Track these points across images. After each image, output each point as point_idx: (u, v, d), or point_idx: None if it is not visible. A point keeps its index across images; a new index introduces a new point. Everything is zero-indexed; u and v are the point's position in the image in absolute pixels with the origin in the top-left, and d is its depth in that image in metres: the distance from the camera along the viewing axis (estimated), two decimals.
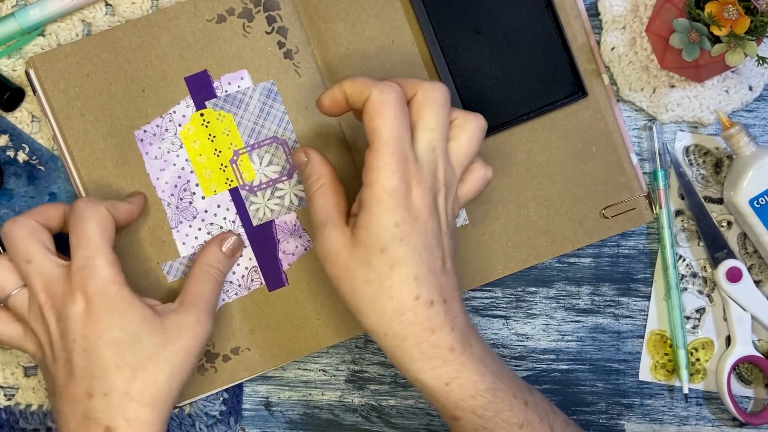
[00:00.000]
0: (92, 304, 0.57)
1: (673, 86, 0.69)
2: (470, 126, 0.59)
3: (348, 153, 0.67)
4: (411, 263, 0.55)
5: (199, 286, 0.63)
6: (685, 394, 0.70)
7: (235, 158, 0.66)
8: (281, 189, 0.66)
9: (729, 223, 0.71)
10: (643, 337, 0.71)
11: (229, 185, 0.66)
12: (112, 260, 0.58)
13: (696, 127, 0.70)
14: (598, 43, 0.69)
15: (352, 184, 0.63)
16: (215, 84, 0.65)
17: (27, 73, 0.64)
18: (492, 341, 0.71)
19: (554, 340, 0.71)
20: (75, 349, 0.57)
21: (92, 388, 0.57)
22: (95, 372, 0.57)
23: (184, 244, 0.66)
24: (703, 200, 0.70)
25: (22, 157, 0.67)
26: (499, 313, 0.71)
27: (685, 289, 0.71)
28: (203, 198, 0.66)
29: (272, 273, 0.67)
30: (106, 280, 0.58)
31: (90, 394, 0.57)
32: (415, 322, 0.56)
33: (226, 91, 0.65)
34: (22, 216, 0.60)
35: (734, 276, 0.69)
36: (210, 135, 0.66)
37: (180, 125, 0.65)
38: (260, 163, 0.66)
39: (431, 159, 0.57)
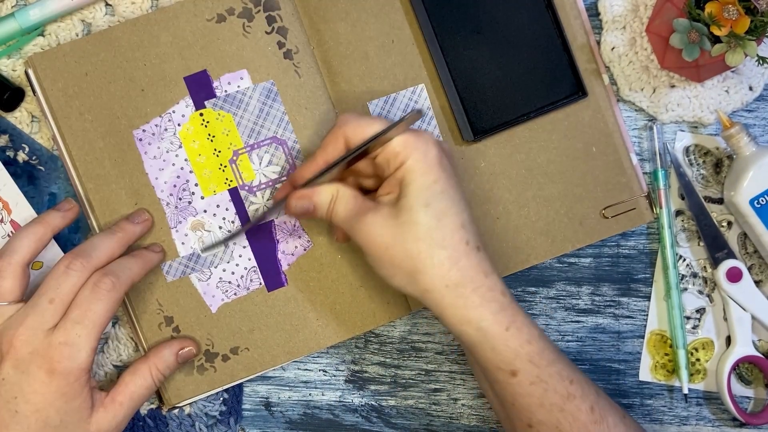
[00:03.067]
0: (52, 378, 0.58)
1: (673, 86, 0.68)
2: None
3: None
4: (455, 212, 0.58)
5: (136, 387, 0.63)
6: (685, 395, 0.70)
7: (234, 158, 0.66)
8: None
9: (729, 223, 0.71)
10: (643, 337, 0.71)
11: (229, 185, 0.66)
12: (96, 347, 0.59)
13: (696, 127, 0.70)
14: (598, 43, 0.69)
15: None
16: (215, 84, 0.65)
17: (26, 73, 0.64)
18: None
19: (554, 340, 0.71)
20: (10, 404, 0.58)
21: None
22: None
23: (183, 243, 0.66)
24: (703, 200, 0.70)
25: (21, 157, 0.67)
26: None
27: (686, 289, 0.71)
28: (202, 198, 0.66)
29: (271, 273, 0.67)
30: (80, 366, 0.59)
31: None
32: (470, 266, 0.58)
33: (225, 91, 0.65)
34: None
35: (734, 276, 0.69)
36: (209, 135, 0.66)
37: (179, 125, 0.65)
38: (260, 163, 0.66)
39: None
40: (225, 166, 0.66)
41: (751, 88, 0.69)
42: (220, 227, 0.66)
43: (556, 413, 0.59)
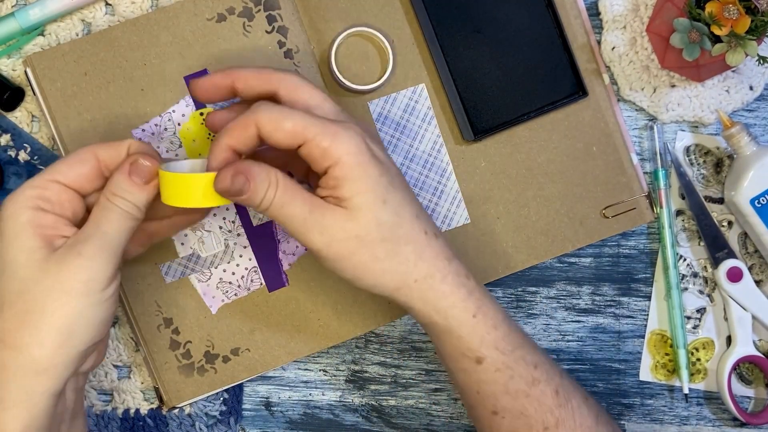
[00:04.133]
0: None
1: (673, 86, 0.69)
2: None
3: None
4: (409, 203, 0.57)
5: (97, 216, 0.54)
6: (686, 394, 0.70)
7: None
8: None
9: (729, 223, 0.71)
10: (643, 337, 0.71)
11: None
12: (40, 195, 0.53)
13: (696, 127, 0.70)
14: (599, 42, 0.69)
15: None
16: None
17: (26, 73, 0.64)
18: None
19: (555, 340, 0.71)
20: None
21: None
22: None
23: (182, 244, 0.66)
24: (703, 200, 0.70)
25: (23, 156, 0.67)
26: None
27: (686, 288, 0.71)
28: None
29: (272, 273, 0.67)
30: (21, 204, 0.53)
31: None
32: (434, 256, 0.57)
33: None
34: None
35: (735, 276, 0.69)
36: (209, 134, 0.66)
37: (179, 124, 0.65)
38: None
39: (350, 119, 0.57)
40: None
41: (751, 88, 0.69)
42: (221, 227, 0.66)
43: (522, 399, 0.58)
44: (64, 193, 0.55)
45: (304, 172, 0.62)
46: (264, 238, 0.66)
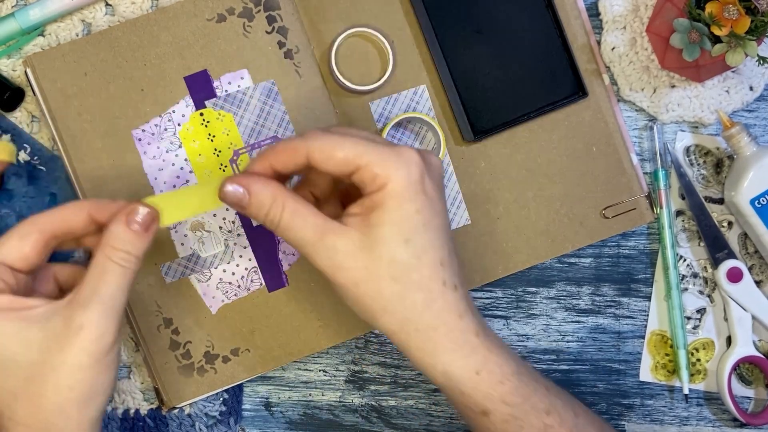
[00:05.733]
0: None
1: (673, 86, 0.69)
2: None
3: None
4: (436, 248, 0.54)
5: (96, 277, 0.52)
6: (686, 395, 0.70)
7: (235, 158, 0.66)
8: None
9: (730, 223, 0.71)
10: (643, 337, 0.71)
11: None
12: None
13: (697, 127, 0.70)
14: (599, 43, 0.69)
15: None
16: (215, 83, 0.65)
17: (26, 73, 0.64)
18: None
19: (555, 341, 0.71)
20: None
21: None
22: None
23: (182, 244, 0.66)
24: (703, 200, 0.70)
25: (23, 156, 0.67)
26: (500, 313, 0.71)
27: (686, 289, 0.71)
28: None
29: (272, 273, 0.67)
30: None
31: None
32: (445, 309, 0.54)
33: (226, 90, 0.65)
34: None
35: (735, 276, 0.69)
36: (210, 134, 0.65)
37: (179, 125, 0.65)
38: None
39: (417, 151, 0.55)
40: (225, 166, 0.66)
41: (751, 88, 0.69)
42: (221, 227, 0.66)
43: None
44: (8, 271, 0.54)
45: (327, 186, 0.60)
46: (264, 239, 0.66)
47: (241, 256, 0.66)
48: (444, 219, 0.55)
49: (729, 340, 0.71)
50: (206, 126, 0.65)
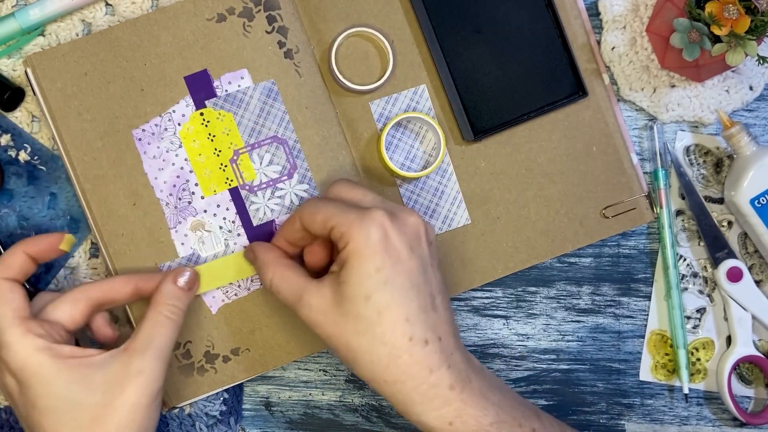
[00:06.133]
0: (20, 379, 0.56)
1: (673, 86, 0.69)
2: None
3: (348, 153, 0.67)
4: (399, 304, 0.56)
5: (150, 329, 0.59)
6: (686, 394, 0.70)
7: (235, 158, 0.66)
8: (282, 189, 0.66)
9: (729, 223, 0.71)
10: (643, 337, 0.71)
11: (229, 185, 0.66)
12: (24, 330, 0.57)
13: (696, 127, 0.70)
14: (599, 42, 0.69)
15: None
16: (215, 83, 0.65)
17: (26, 73, 0.64)
18: (492, 341, 0.71)
19: (555, 340, 0.71)
20: (21, 417, 0.58)
21: None
22: None
23: (182, 244, 0.66)
24: (703, 200, 0.70)
25: (23, 156, 0.67)
26: (500, 313, 0.71)
27: (686, 288, 0.71)
28: (203, 198, 0.66)
29: None
30: (22, 355, 0.56)
31: None
32: (411, 363, 0.56)
33: (226, 90, 0.65)
34: None
35: (735, 276, 0.69)
36: (210, 134, 0.66)
37: (179, 124, 0.65)
38: (260, 163, 0.66)
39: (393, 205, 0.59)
40: (225, 166, 0.66)
41: (751, 88, 0.69)
42: (221, 227, 0.66)
43: None
44: (63, 330, 0.59)
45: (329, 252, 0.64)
46: (264, 238, 0.66)
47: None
48: (414, 275, 0.57)
49: (729, 340, 0.71)
50: (206, 126, 0.65)
